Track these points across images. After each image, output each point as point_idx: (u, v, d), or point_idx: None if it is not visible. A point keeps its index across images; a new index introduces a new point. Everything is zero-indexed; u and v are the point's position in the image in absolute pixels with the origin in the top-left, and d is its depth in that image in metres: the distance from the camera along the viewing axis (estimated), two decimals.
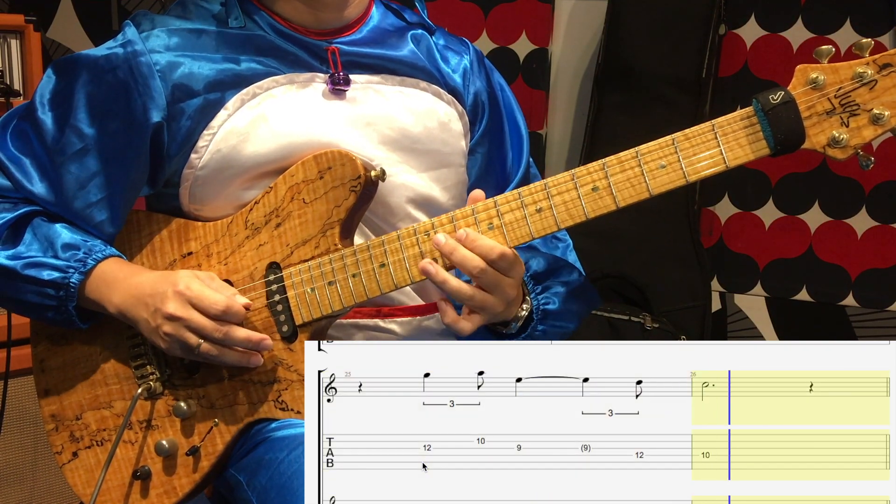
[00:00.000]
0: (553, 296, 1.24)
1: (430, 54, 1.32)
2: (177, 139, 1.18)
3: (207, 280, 1.15)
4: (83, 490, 1.26)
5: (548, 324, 1.23)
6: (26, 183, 1.19)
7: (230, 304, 1.12)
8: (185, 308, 1.11)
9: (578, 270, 1.31)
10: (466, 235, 1.09)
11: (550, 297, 1.24)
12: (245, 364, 1.15)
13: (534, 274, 1.24)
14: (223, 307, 1.11)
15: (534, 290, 1.23)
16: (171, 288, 1.12)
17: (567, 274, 1.28)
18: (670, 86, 2.56)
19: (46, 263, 1.17)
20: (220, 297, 1.12)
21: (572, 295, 1.27)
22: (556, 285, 1.26)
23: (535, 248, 1.29)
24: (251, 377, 1.18)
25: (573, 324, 1.28)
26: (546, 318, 1.23)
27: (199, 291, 1.12)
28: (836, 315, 2.62)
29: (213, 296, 1.12)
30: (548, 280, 1.25)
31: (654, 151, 1.05)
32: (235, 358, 1.14)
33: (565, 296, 1.26)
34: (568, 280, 1.27)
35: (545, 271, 1.25)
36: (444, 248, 1.10)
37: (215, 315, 1.11)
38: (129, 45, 1.17)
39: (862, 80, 1.01)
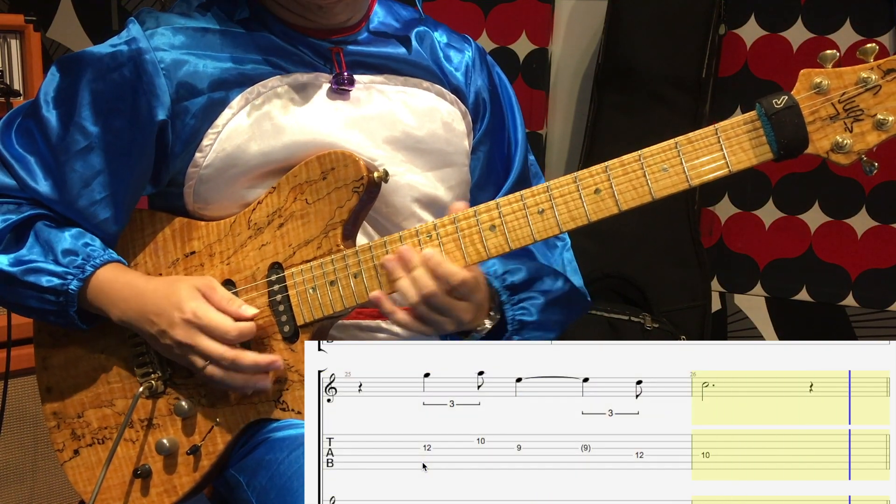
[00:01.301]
0: (530, 307, 1.24)
1: (434, 53, 1.32)
2: (181, 137, 1.18)
3: (210, 293, 1.14)
4: (84, 488, 1.26)
5: (524, 335, 1.24)
6: (30, 181, 1.19)
7: (241, 329, 1.12)
8: (195, 336, 1.12)
9: (564, 277, 1.30)
10: (431, 258, 1.09)
11: (527, 308, 1.24)
12: (251, 387, 1.15)
13: (510, 285, 1.24)
14: (235, 335, 1.12)
15: (510, 300, 1.23)
16: (177, 313, 1.12)
17: (550, 282, 1.28)
18: (670, 86, 2.56)
19: (46, 269, 1.17)
20: (230, 326, 1.12)
21: (553, 304, 1.27)
22: (534, 296, 1.25)
23: (519, 259, 1.28)
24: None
25: (553, 332, 1.28)
26: (522, 330, 1.23)
27: (207, 320, 1.12)
28: (836, 315, 2.62)
29: (224, 323, 1.12)
30: (525, 291, 1.25)
31: (656, 154, 1.04)
32: (241, 381, 1.14)
33: (544, 305, 1.25)
34: (549, 289, 1.27)
35: (523, 282, 1.25)
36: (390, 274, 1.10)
37: (227, 342, 1.12)
38: (134, 43, 1.17)
39: (866, 85, 1.00)
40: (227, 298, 1.15)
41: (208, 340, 1.12)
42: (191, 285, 1.15)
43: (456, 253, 1.10)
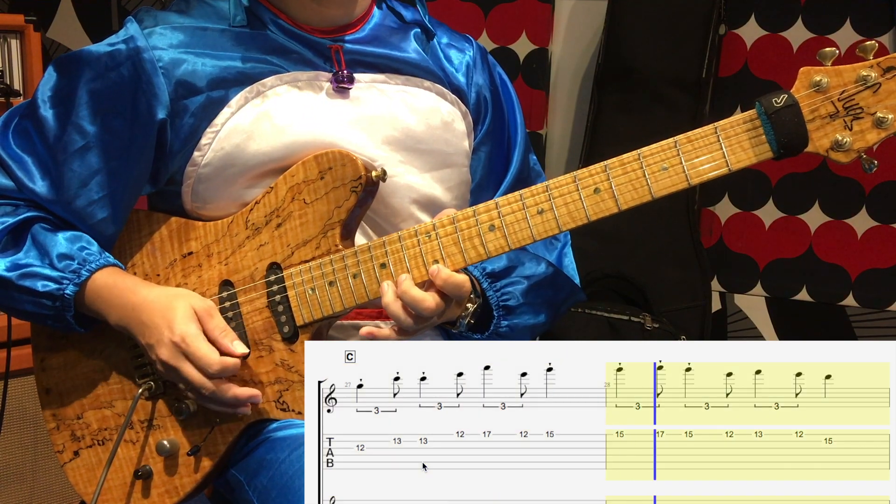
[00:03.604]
0: (514, 290, 1.25)
1: (434, 53, 1.31)
2: (180, 136, 1.18)
3: (206, 320, 1.14)
4: (84, 489, 1.26)
5: (512, 319, 1.24)
6: (28, 181, 1.19)
7: (224, 364, 1.11)
8: (178, 360, 1.11)
9: (546, 262, 1.30)
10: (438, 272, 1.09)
11: (511, 293, 1.24)
12: (231, 412, 1.16)
13: (491, 272, 1.24)
14: (216, 370, 1.11)
15: (492, 286, 1.23)
16: (167, 333, 1.12)
17: (533, 267, 1.28)
18: (670, 86, 2.56)
19: (41, 274, 1.16)
20: (215, 360, 1.11)
21: (537, 287, 1.27)
22: (516, 280, 1.26)
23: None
24: (252, 378, 1.18)
25: (543, 315, 1.28)
26: (509, 315, 1.24)
27: (194, 348, 1.11)
28: (836, 315, 2.62)
29: (208, 356, 1.11)
30: (506, 277, 1.25)
31: (656, 154, 1.04)
32: (221, 409, 1.15)
33: (527, 289, 1.26)
34: (532, 273, 1.27)
35: (504, 269, 1.25)
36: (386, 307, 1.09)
37: (208, 375, 1.11)
38: (132, 42, 1.17)
39: (866, 83, 0.99)
40: (220, 329, 1.14)
41: (191, 368, 1.11)
42: (188, 306, 1.14)
43: (455, 253, 1.10)
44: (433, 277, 1.09)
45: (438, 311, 1.10)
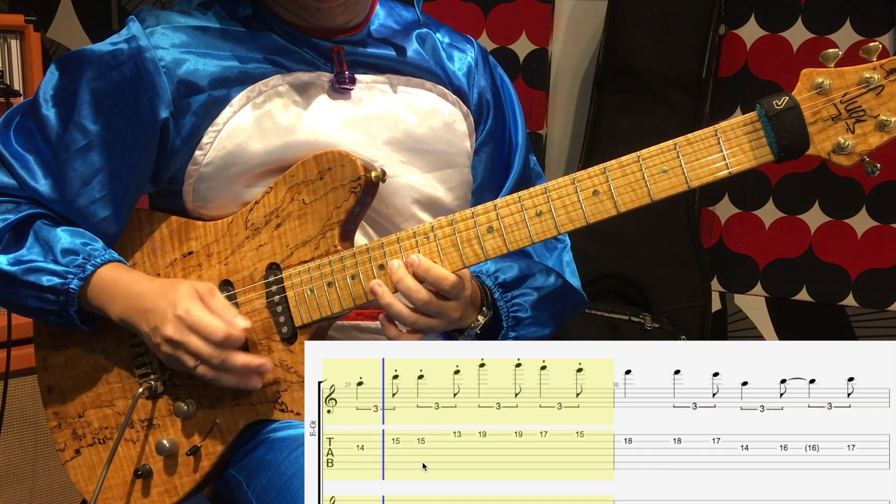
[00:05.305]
0: (524, 303, 1.25)
1: (436, 53, 1.32)
2: (181, 135, 1.18)
3: (208, 297, 1.14)
4: (85, 487, 1.26)
5: (519, 331, 1.25)
6: (30, 180, 1.19)
7: (230, 332, 1.11)
8: (184, 333, 1.11)
9: (556, 273, 1.31)
10: (419, 263, 1.09)
11: (521, 304, 1.25)
12: (243, 387, 1.15)
13: (503, 282, 1.24)
14: (222, 336, 1.11)
15: (503, 297, 1.23)
16: (170, 309, 1.12)
17: (542, 279, 1.28)
18: (670, 86, 2.56)
19: (46, 269, 1.16)
20: (220, 326, 1.11)
21: (546, 299, 1.28)
22: (526, 292, 1.26)
23: (511, 257, 1.28)
24: None
25: (549, 328, 1.29)
26: (517, 326, 1.24)
27: (198, 318, 1.11)
28: (836, 315, 2.61)
29: (212, 323, 1.11)
30: (518, 288, 1.26)
31: (655, 156, 1.03)
32: (233, 381, 1.14)
33: (536, 301, 1.26)
34: (541, 285, 1.28)
35: (515, 279, 1.25)
36: (393, 275, 1.10)
37: (215, 342, 1.11)
38: (134, 41, 1.17)
39: (868, 85, 0.98)
40: (223, 305, 1.15)
41: (198, 340, 1.11)
42: (190, 286, 1.15)
43: (454, 255, 1.10)
44: (412, 267, 1.09)
45: (436, 307, 1.10)
